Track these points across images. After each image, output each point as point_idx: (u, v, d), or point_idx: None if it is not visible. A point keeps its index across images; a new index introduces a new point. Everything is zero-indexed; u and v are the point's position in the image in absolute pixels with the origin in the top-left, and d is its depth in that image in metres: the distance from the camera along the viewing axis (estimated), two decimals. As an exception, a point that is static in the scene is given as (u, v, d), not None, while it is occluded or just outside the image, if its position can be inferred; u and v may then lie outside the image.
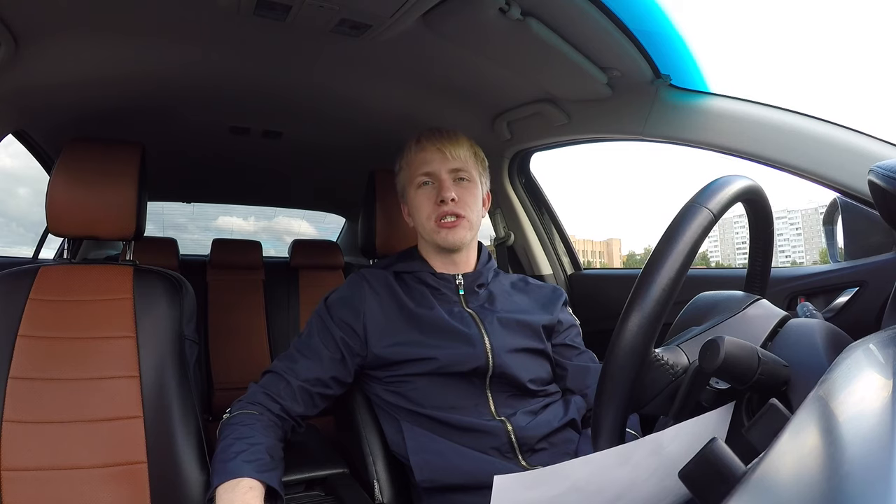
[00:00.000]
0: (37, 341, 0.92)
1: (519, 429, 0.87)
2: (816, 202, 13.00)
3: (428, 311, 0.93)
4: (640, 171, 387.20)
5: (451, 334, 0.90)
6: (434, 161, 0.96)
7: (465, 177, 0.98)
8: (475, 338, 0.90)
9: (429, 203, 0.96)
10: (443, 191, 0.94)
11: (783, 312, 0.61)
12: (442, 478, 0.84)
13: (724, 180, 0.53)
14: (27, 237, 2.47)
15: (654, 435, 0.45)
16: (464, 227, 0.95)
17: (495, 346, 0.90)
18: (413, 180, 0.98)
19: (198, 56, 1.14)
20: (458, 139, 0.99)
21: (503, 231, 1.72)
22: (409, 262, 1.00)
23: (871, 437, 0.26)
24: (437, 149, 0.96)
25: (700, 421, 0.47)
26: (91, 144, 1.03)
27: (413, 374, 0.89)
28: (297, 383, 0.87)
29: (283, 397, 0.86)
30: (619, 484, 0.45)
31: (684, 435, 0.46)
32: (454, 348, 0.89)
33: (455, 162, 0.96)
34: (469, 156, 0.99)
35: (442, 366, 0.88)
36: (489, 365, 0.89)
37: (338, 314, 0.93)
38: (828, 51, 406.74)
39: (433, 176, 0.96)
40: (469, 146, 1.00)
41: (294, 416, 0.87)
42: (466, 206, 0.96)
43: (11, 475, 0.84)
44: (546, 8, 0.95)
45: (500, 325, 0.93)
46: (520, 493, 0.43)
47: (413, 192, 0.99)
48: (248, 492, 0.73)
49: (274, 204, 2.70)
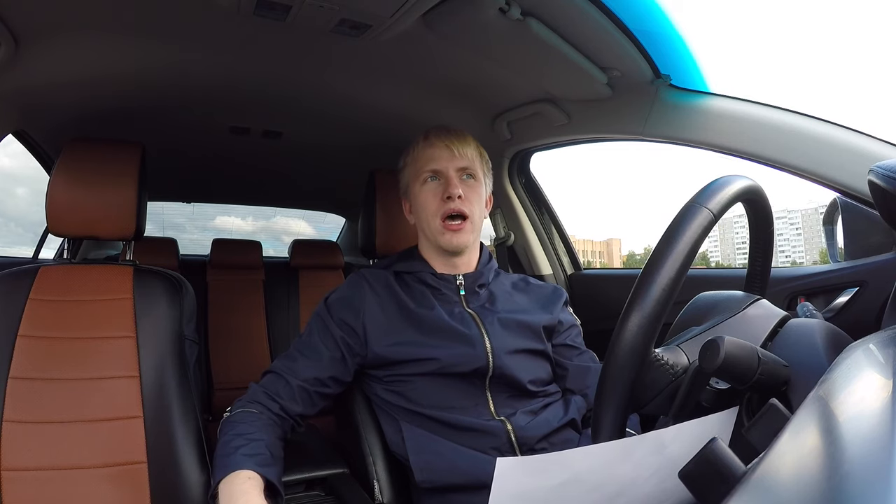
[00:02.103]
0: (37, 341, 0.92)
1: (519, 429, 0.87)
2: (816, 202, 13.00)
3: (428, 312, 0.92)
4: (640, 171, 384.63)
5: (452, 335, 0.90)
6: (442, 158, 0.96)
7: (472, 175, 0.98)
8: (475, 338, 0.90)
9: (435, 199, 0.96)
10: (450, 187, 0.94)
11: (783, 312, 0.61)
12: (442, 478, 0.84)
13: (724, 180, 0.53)
14: (26, 237, 2.47)
15: (657, 432, 0.45)
16: (467, 231, 0.95)
17: (495, 346, 0.90)
18: (419, 176, 0.98)
19: (198, 56, 1.14)
20: (467, 138, 1.00)
21: (503, 231, 1.72)
22: (410, 262, 1.00)
23: (871, 437, 0.26)
24: (445, 146, 0.96)
25: (703, 423, 0.47)
26: (91, 144, 1.03)
27: (413, 374, 0.89)
28: (297, 382, 0.88)
29: (282, 396, 0.86)
30: (620, 480, 0.45)
31: (687, 436, 0.46)
32: (454, 349, 0.89)
33: (463, 160, 0.96)
34: (476, 155, 0.99)
35: (442, 366, 0.88)
36: (489, 366, 0.89)
37: (338, 314, 0.93)
38: (828, 51, 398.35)
39: (440, 173, 0.96)
40: (476, 146, 1.00)
41: (293, 415, 0.87)
42: (471, 204, 0.96)
43: (11, 475, 0.84)
44: (546, 8, 0.95)
45: (501, 325, 0.93)
46: (521, 478, 0.43)
47: (418, 187, 0.98)
48: (247, 481, 0.73)
49: (274, 204, 2.70)
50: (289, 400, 0.87)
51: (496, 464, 0.42)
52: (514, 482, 0.43)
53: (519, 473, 0.43)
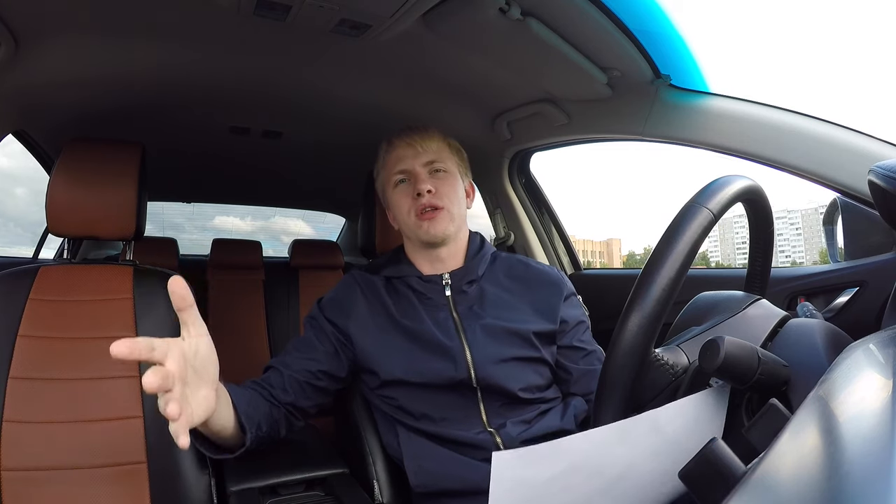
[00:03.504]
0: (37, 341, 0.92)
1: (509, 440, 0.85)
2: (816, 202, 13.00)
3: (411, 323, 0.91)
4: (640, 171, 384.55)
5: (433, 347, 0.88)
6: (406, 157, 0.95)
7: (441, 167, 0.96)
8: (456, 350, 0.88)
9: (407, 199, 0.94)
10: (418, 183, 0.93)
11: (783, 312, 0.60)
12: (436, 483, 0.84)
13: (724, 180, 0.53)
14: (25, 237, 2.47)
15: (653, 412, 0.45)
16: (445, 219, 0.93)
17: (477, 358, 0.87)
18: (390, 180, 0.97)
19: (198, 56, 1.14)
20: (428, 132, 0.98)
21: (503, 231, 1.72)
22: (398, 266, 0.98)
23: (871, 437, 0.26)
24: (407, 144, 0.95)
25: (697, 399, 0.47)
26: (91, 144, 1.03)
27: (398, 383, 0.89)
28: (288, 373, 0.88)
29: (273, 385, 0.87)
30: (619, 464, 0.45)
31: (682, 413, 0.45)
32: (434, 362, 0.87)
33: (427, 154, 0.95)
34: (442, 147, 0.97)
35: (425, 379, 0.87)
36: (472, 378, 0.87)
37: (329, 314, 0.94)
38: (828, 50, 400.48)
39: (408, 172, 0.95)
40: (441, 138, 0.98)
41: (284, 402, 0.87)
42: (444, 196, 0.94)
43: (11, 475, 0.84)
44: (546, 8, 0.95)
45: (485, 334, 0.90)
46: (519, 471, 0.42)
47: (391, 191, 0.98)
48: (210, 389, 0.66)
49: (274, 204, 2.70)
50: (279, 389, 0.87)
51: (492, 458, 0.41)
52: (511, 476, 0.42)
53: (516, 466, 0.42)
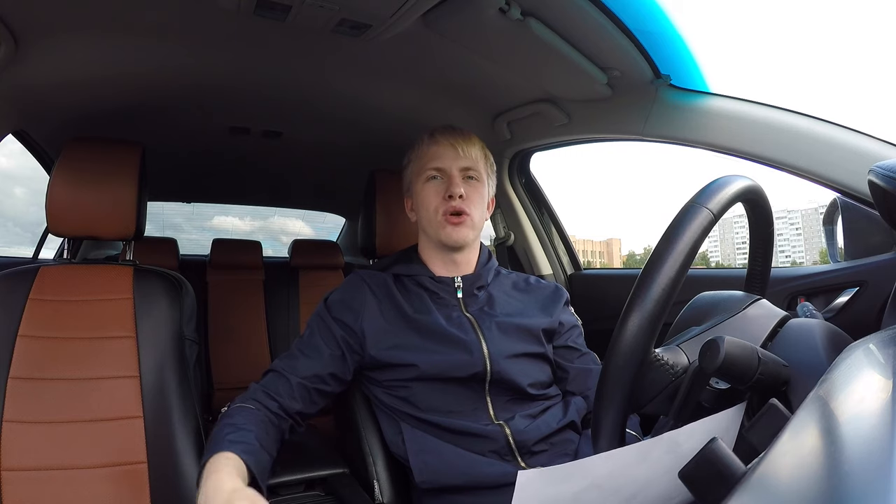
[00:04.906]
0: (37, 341, 0.92)
1: (517, 432, 0.86)
2: (816, 202, 13.00)
3: (425, 317, 0.92)
4: (639, 170, 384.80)
5: (449, 340, 0.90)
6: (446, 156, 0.96)
7: (475, 176, 0.98)
8: (472, 344, 0.90)
9: (436, 197, 0.95)
10: (452, 186, 0.94)
11: (783, 312, 0.61)
12: (441, 479, 0.84)
13: (724, 180, 0.53)
14: (24, 237, 2.47)
15: (672, 433, 0.45)
16: (468, 226, 0.95)
17: (493, 351, 0.90)
18: (422, 173, 0.98)
19: (198, 56, 1.14)
20: (472, 138, 1.00)
21: (503, 231, 1.72)
22: (409, 265, 0.99)
23: (871, 437, 0.26)
24: (450, 144, 0.97)
25: (714, 420, 0.47)
26: (91, 144, 1.03)
27: (411, 378, 0.89)
28: (296, 380, 0.87)
29: (281, 394, 0.86)
30: (637, 482, 0.45)
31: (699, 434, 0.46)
32: (451, 354, 0.89)
33: (466, 160, 0.96)
34: (480, 156, 0.99)
35: (440, 371, 0.88)
36: (487, 371, 0.89)
37: (337, 314, 0.93)
38: (828, 50, 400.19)
39: (443, 171, 0.96)
40: (481, 147, 1.00)
41: (291, 413, 0.87)
42: (473, 204, 0.96)
43: (11, 475, 0.84)
44: (546, 8, 0.95)
45: (499, 330, 0.93)
46: (542, 489, 0.43)
47: (421, 185, 0.98)
48: (223, 460, 0.71)
49: (274, 204, 2.70)
50: (288, 398, 0.86)
51: (517, 477, 0.41)
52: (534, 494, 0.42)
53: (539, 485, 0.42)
